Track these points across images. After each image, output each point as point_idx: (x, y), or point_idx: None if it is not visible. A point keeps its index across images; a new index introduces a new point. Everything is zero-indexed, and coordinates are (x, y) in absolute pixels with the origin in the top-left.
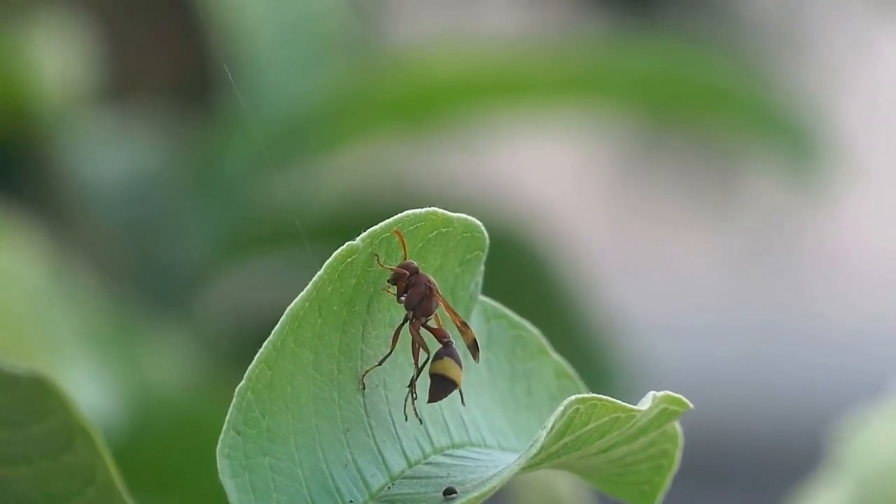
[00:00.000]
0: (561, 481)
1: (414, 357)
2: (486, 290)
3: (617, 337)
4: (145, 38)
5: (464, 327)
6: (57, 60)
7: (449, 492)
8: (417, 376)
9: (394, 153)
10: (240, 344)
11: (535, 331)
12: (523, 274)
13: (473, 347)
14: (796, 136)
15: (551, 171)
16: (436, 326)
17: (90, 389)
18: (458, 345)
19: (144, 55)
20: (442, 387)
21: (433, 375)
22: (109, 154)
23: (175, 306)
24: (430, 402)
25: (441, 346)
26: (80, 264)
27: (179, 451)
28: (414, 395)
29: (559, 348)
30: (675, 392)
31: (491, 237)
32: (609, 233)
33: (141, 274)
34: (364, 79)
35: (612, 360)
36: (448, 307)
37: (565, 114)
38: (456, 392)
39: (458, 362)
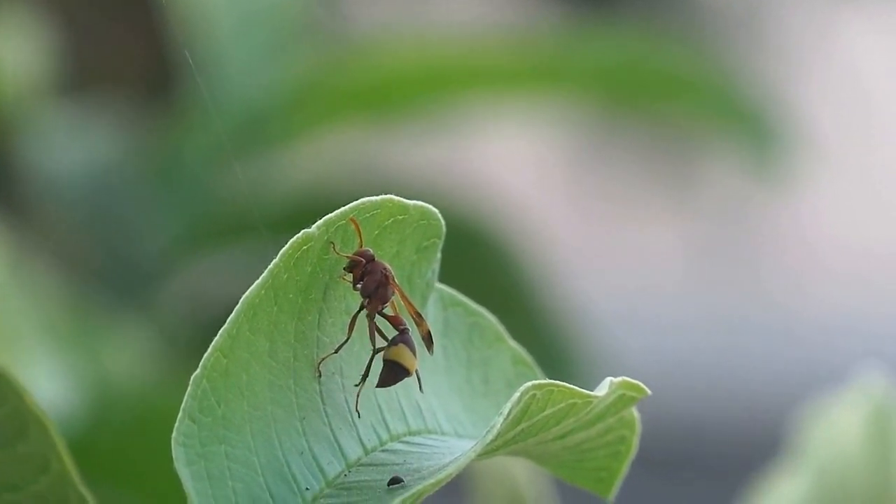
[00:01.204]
0: (519, 469)
1: (372, 344)
2: (448, 280)
3: (579, 327)
4: (106, 30)
5: (418, 318)
6: (17, 53)
7: (394, 481)
8: (372, 363)
9: (356, 144)
10: (200, 336)
11: (492, 318)
12: (485, 264)
13: (427, 339)
14: (756, 124)
15: (514, 161)
16: (392, 314)
17: (49, 382)
18: (414, 334)
19: (105, 47)
20: (394, 373)
21: (386, 361)
22: (70, 146)
23: (135, 298)
24: (378, 386)
25: (397, 333)
26: (39, 257)
27: (139, 443)
28: (366, 381)
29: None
30: (638, 382)
31: (453, 227)
32: (571, 223)
33: (101, 266)
34: (325, 69)
35: (574, 351)
36: (404, 297)
37: (527, 103)
38: (412, 380)
39: (413, 350)
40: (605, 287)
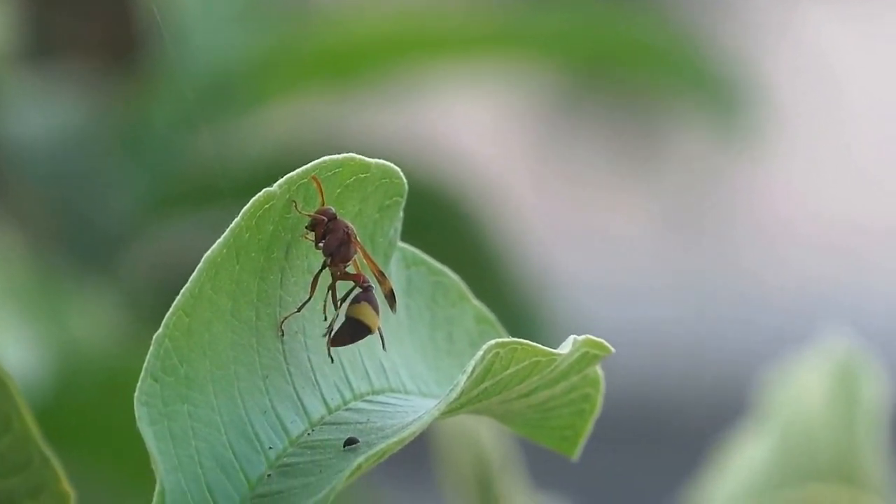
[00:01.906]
0: (485, 433)
1: (332, 303)
2: (412, 244)
3: (545, 295)
4: None
5: (381, 276)
6: None
7: (350, 441)
8: (334, 321)
9: (322, 110)
10: (166, 302)
11: (455, 277)
12: (449, 229)
13: (390, 297)
14: (721, 91)
15: (479, 129)
16: (354, 272)
17: (15, 347)
18: (377, 293)
19: (71, 13)
20: (355, 330)
21: (348, 318)
22: (35, 113)
23: (101, 264)
24: (339, 344)
25: (360, 291)
26: (4, 223)
27: (106, 408)
28: (329, 340)
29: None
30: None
31: (418, 192)
32: (537, 192)
33: (67, 232)
34: (290, 36)
35: (539, 316)
36: (366, 256)
37: (490, 69)
38: (375, 338)
39: (376, 308)
40: (572, 256)
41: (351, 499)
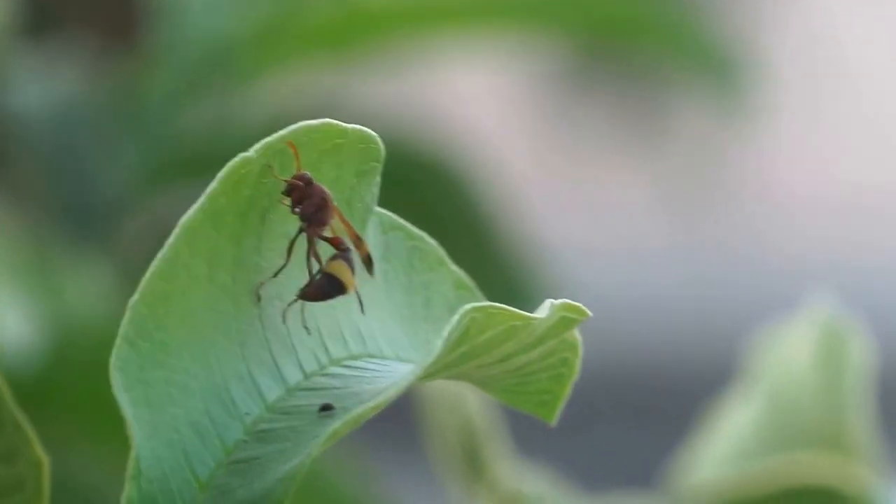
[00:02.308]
0: (472, 399)
1: (308, 268)
2: (405, 212)
3: (539, 263)
4: None
5: (358, 241)
6: None
7: (325, 408)
8: (311, 281)
9: (321, 81)
10: None
11: (433, 242)
12: (444, 198)
13: (368, 262)
14: (723, 64)
15: (483, 100)
16: (331, 236)
17: (9, 318)
18: (355, 257)
19: None
20: (330, 286)
21: (324, 273)
22: (31, 86)
23: (97, 235)
24: (308, 297)
25: (337, 252)
26: (0, 195)
27: (100, 377)
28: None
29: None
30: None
31: (415, 160)
32: (539, 162)
33: (63, 203)
34: (289, 6)
35: (532, 284)
36: (344, 220)
37: (492, 39)
38: (353, 303)
39: (352, 268)
40: (572, 225)
41: (336, 464)
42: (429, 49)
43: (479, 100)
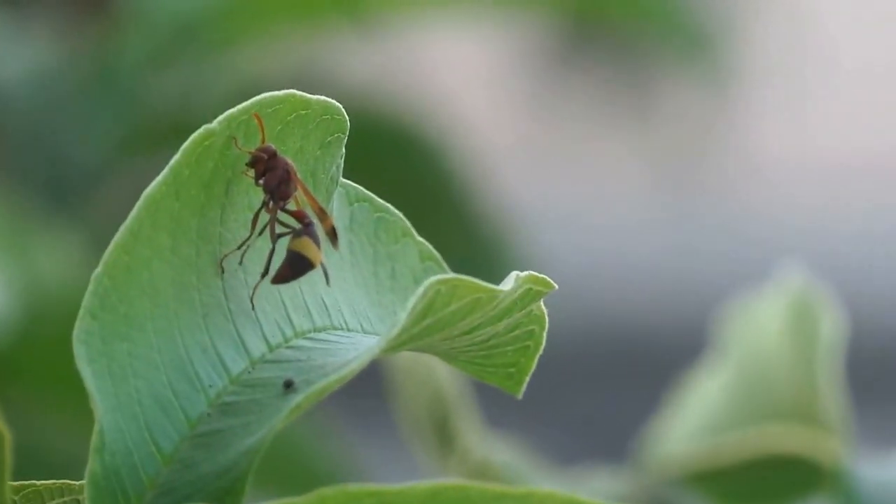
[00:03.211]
0: (440, 369)
1: (271, 240)
2: (380, 185)
3: (518, 234)
4: None
5: (322, 214)
6: None
7: (289, 384)
8: (272, 258)
9: (294, 49)
10: None
11: (398, 214)
12: (422, 170)
13: (332, 234)
14: (706, 40)
15: (469, 72)
16: (295, 209)
17: None
18: (319, 230)
19: None
20: (296, 265)
21: (290, 252)
22: (4, 54)
23: (70, 204)
24: (277, 280)
25: (301, 226)
26: None
27: (71, 349)
28: (269, 277)
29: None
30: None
31: (389, 132)
32: (525, 133)
33: (35, 171)
34: None
35: (508, 255)
36: (307, 193)
37: (477, 10)
38: (318, 275)
39: (318, 243)
40: (558, 195)
41: (307, 435)
42: (407, 19)
43: (466, 72)
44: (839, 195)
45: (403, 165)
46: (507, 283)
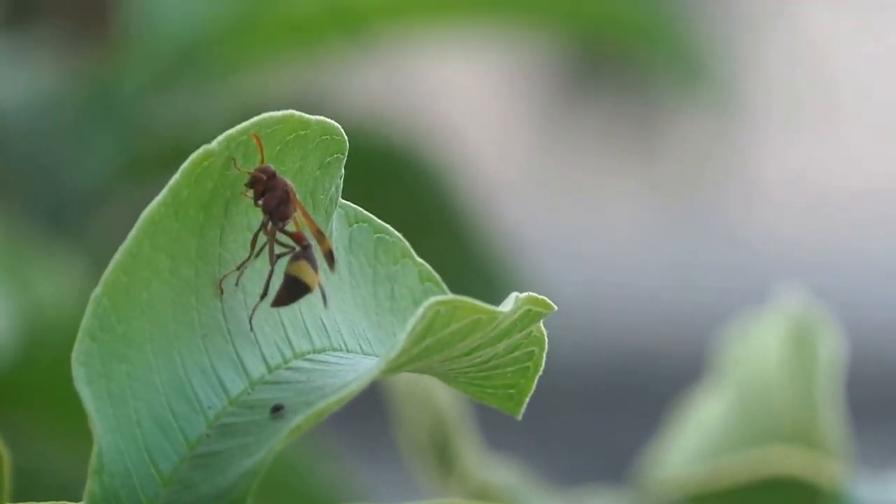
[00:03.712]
0: (441, 391)
1: (270, 262)
2: (380, 207)
3: (518, 257)
4: None
5: (320, 236)
6: None
7: (276, 408)
8: (271, 280)
9: (296, 74)
10: None
11: (398, 235)
12: (422, 193)
13: (329, 257)
14: (708, 69)
15: (474, 97)
16: (294, 231)
17: None
18: (317, 252)
19: None
20: (293, 289)
21: (287, 276)
22: (4, 77)
23: (70, 227)
24: (275, 304)
25: (299, 249)
26: None
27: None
28: (267, 299)
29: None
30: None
31: (390, 155)
32: (530, 160)
33: (35, 195)
34: None
35: (510, 281)
36: (305, 214)
37: (480, 35)
38: (317, 296)
39: (315, 267)
40: (563, 225)
41: (307, 457)
42: (409, 42)
43: (471, 99)
44: (840, 224)
45: (402, 188)
46: (507, 305)
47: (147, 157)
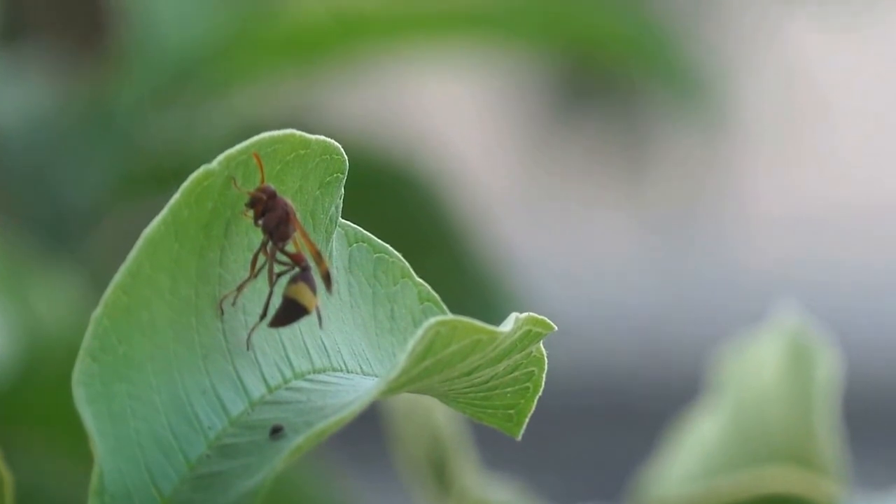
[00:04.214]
0: (439, 412)
1: (269, 282)
2: (375, 225)
3: (513, 277)
4: None
5: (318, 257)
6: None
7: (276, 430)
8: (270, 301)
9: (290, 91)
10: None
11: (397, 255)
12: (417, 211)
13: (326, 279)
14: (697, 86)
15: (464, 116)
16: (294, 251)
17: None
18: (315, 273)
19: None
20: (291, 311)
21: (285, 298)
22: (1, 95)
23: (68, 245)
24: (273, 325)
25: (298, 270)
26: None
27: (70, 391)
28: (266, 320)
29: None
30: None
31: (385, 173)
32: (520, 177)
33: (33, 212)
34: (257, 16)
35: (505, 300)
36: (305, 235)
37: (468, 52)
38: (313, 317)
39: (313, 288)
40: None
41: (306, 477)
42: (402, 60)
43: (461, 118)
44: (831, 247)
45: (397, 205)
46: (507, 325)
47: (144, 173)
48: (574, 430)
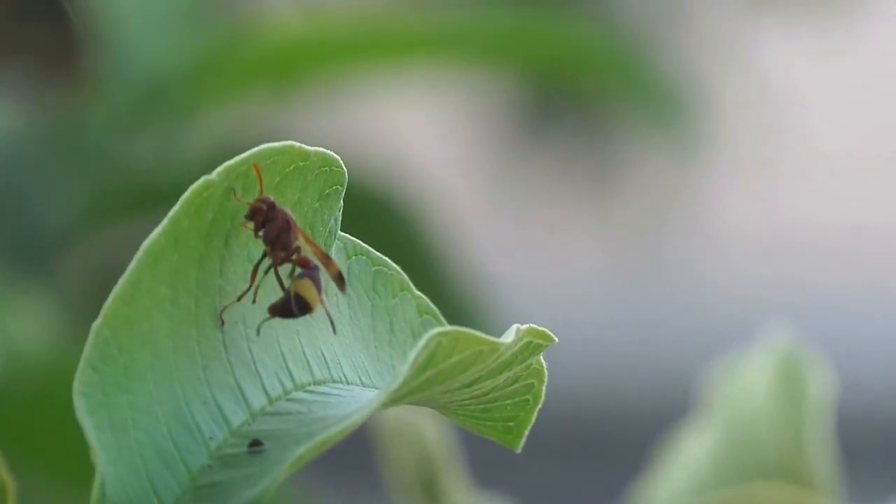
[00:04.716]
0: (429, 429)
1: (278, 284)
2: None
3: (483, 298)
4: (8, 1)
5: (326, 259)
6: None
7: (255, 443)
8: (277, 300)
9: (262, 114)
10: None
11: (396, 267)
12: (390, 232)
13: (338, 279)
14: (668, 101)
15: (431, 136)
16: (297, 257)
17: None
18: (323, 275)
19: (8, 19)
20: (296, 305)
21: (288, 292)
22: None
23: (40, 268)
24: (273, 313)
25: (305, 270)
26: None
27: (43, 410)
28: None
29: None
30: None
31: (358, 195)
32: (486, 200)
33: (5, 236)
34: (229, 40)
35: (478, 320)
36: (309, 240)
37: (434, 73)
38: (317, 327)
39: (319, 288)
40: (516, 260)
41: (292, 494)
42: (369, 83)
43: (429, 137)
44: (803, 269)
45: (372, 229)
46: (508, 336)
47: (117, 196)
48: (562, 449)
